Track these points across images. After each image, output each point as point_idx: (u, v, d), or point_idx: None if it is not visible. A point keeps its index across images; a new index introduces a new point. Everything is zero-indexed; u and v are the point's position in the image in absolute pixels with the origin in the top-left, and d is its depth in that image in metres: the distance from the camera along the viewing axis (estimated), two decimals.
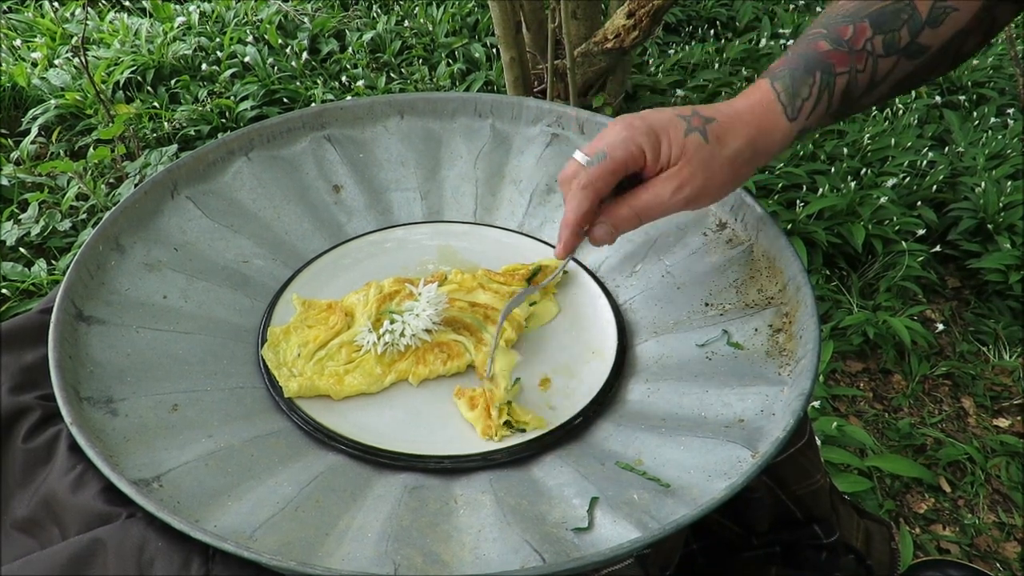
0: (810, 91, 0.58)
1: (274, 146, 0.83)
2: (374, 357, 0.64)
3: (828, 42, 0.59)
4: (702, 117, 0.58)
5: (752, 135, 0.59)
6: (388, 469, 0.58)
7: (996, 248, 1.72)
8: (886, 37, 0.58)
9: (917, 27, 0.57)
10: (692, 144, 0.57)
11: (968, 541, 1.25)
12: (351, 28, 2.51)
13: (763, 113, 0.59)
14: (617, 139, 0.58)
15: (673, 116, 0.58)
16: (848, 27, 0.58)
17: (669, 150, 0.58)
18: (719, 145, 0.58)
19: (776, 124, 0.59)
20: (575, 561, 0.46)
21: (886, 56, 0.58)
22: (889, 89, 0.61)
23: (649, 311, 0.71)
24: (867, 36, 0.58)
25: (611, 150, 0.58)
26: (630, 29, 1.72)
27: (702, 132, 0.57)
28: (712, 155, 0.57)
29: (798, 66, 0.59)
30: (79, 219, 1.74)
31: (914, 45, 0.58)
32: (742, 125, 0.59)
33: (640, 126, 0.58)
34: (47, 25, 2.43)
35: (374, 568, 0.48)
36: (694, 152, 0.57)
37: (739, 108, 0.60)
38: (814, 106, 0.59)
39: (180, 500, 0.51)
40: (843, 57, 0.58)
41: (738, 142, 0.58)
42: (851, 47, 0.58)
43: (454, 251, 0.78)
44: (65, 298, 0.62)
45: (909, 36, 0.58)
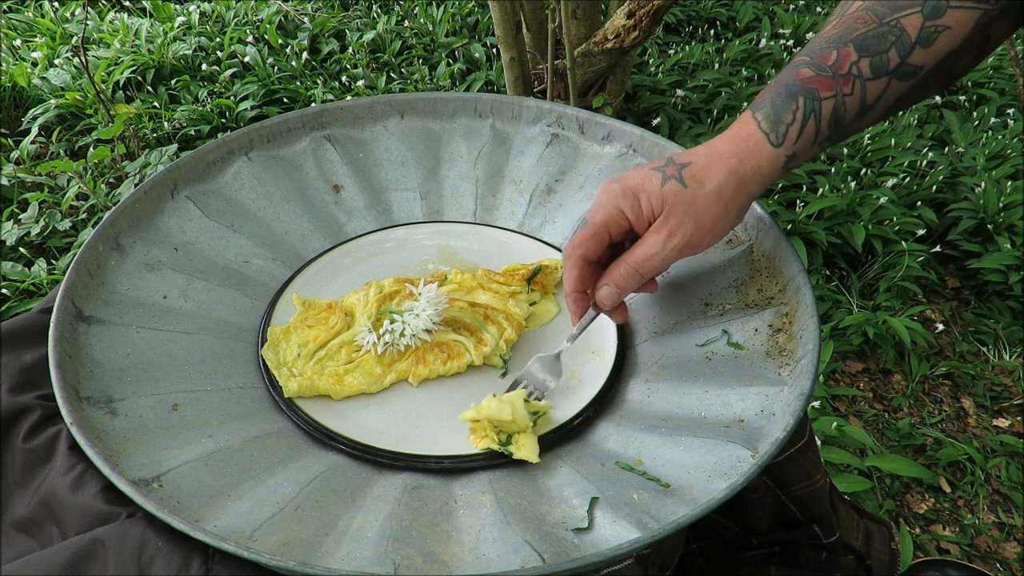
0: (794, 116, 0.58)
1: (274, 146, 0.83)
2: (374, 357, 0.64)
3: (811, 69, 0.58)
4: (676, 165, 0.59)
5: (733, 166, 0.59)
6: (388, 469, 0.58)
7: (996, 248, 1.72)
8: (873, 60, 0.57)
9: (906, 48, 0.57)
10: (671, 192, 0.58)
11: (968, 541, 1.25)
12: (351, 28, 2.51)
13: (743, 143, 0.59)
14: (596, 204, 0.61)
15: (648, 171, 0.60)
16: (831, 53, 0.58)
17: (650, 205, 0.59)
18: (698, 185, 0.58)
19: (759, 150, 0.59)
20: (575, 561, 0.46)
21: (875, 79, 0.58)
22: (885, 111, 0.60)
23: (649, 311, 0.71)
24: (852, 60, 0.58)
25: (591, 216, 0.60)
26: (630, 29, 1.72)
27: (678, 179, 0.58)
28: (694, 196, 0.58)
29: (779, 94, 0.59)
30: (79, 219, 1.74)
31: (905, 66, 0.58)
32: (720, 160, 0.59)
33: (616, 188, 0.60)
34: (47, 25, 2.43)
35: (374, 568, 0.48)
36: (674, 199, 0.58)
37: (717, 145, 0.60)
38: (800, 131, 0.58)
39: (180, 500, 0.51)
40: (827, 82, 0.58)
41: (718, 177, 0.58)
42: (835, 72, 0.58)
43: (454, 251, 0.78)
44: (65, 298, 0.62)
45: (899, 57, 0.57)
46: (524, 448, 0.57)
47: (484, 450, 0.58)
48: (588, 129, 0.85)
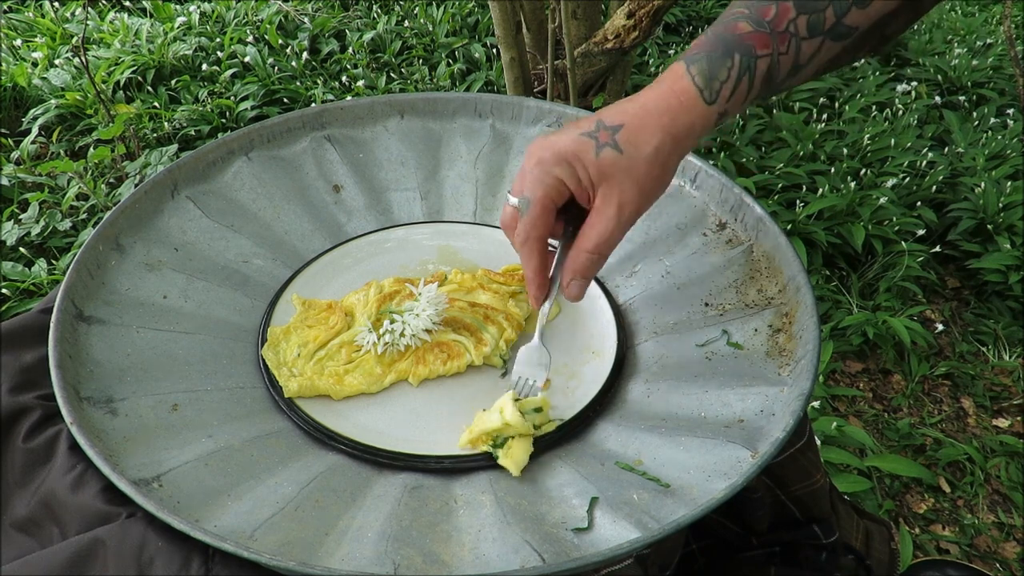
0: (728, 74, 0.56)
1: (274, 146, 0.83)
2: (374, 357, 0.64)
3: (749, 23, 0.56)
4: (608, 128, 0.56)
5: (666, 124, 0.56)
6: (388, 469, 0.58)
7: (996, 248, 1.72)
8: (810, 18, 0.55)
9: (844, 8, 0.55)
10: (607, 161, 0.55)
11: (968, 541, 1.25)
12: (351, 28, 2.51)
13: (676, 99, 0.56)
14: (532, 179, 0.57)
15: (579, 137, 0.56)
16: (771, 7, 0.56)
17: (587, 174, 0.56)
18: (634, 149, 0.56)
19: (693, 107, 0.56)
20: (575, 561, 0.46)
21: (810, 38, 0.56)
22: (813, 71, 0.59)
23: (649, 311, 0.71)
24: (790, 17, 0.56)
25: (531, 194, 0.57)
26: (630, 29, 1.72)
27: (612, 145, 0.55)
28: (632, 161, 0.56)
29: (715, 48, 0.56)
30: (79, 219, 1.74)
31: (840, 26, 0.56)
32: (654, 120, 0.56)
33: (548, 157, 0.56)
34: (47, 25, 2.43)
35: (374, 568, 0.48)
36: (612, 167, 0.55)
37: (647, 102, 0.57)
38: (733, 89, 0.56)
39: (180, 500, 0.51)
40: (764, 39, 0.56)
41: (654, 139, 0.56)
42: (773, 28, 0.56)
43: (454, 251, 0.78)
44: (65, 298, 0.62)
45: (835, 17, 0.55)
46: (511, 457, 0.57)
47: (482, 451, 0.58)
48: None
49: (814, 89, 2.26)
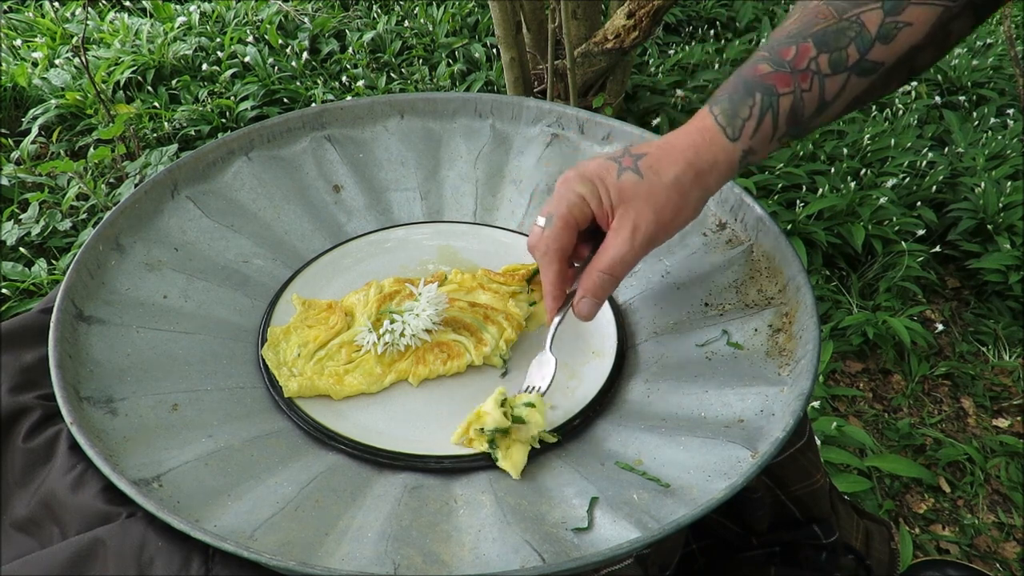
0: (750, 111, 0.58)
1: (274, 146, 0.83)
2: (374, 357, 0.64)
3: (769, 64, 0.58)
4: (632, 156, 0.59)
5: (690, 157, 0.58)
6: (388, 469, 0.58)
7: (996, 248, 1.72)
8: (832, 56, 0.57)
9: (866, 44, 0.57)
10: (628, 184, 0.58)
11: (968, 541, 1.25)
12: (351, 28, 2.51)
13: (699, 136, 0.59)
14: (556, 196, 0.59)
15: (604, 161, 0.59)
16: (790, 48, 0.58)
17: (608, 194, 0.58)
18: (655, 175, 0.57)
19: (715, 143, 0.58)
20: (575, 561, 0.46)
21: (834, 75, 0.57)
22: (844, 107, 0.60)
23: (649, 311, 0.71)
24: (811, 55, 0.57)
25: (554, 209, 0.59)
26: (630, 29, 1.72)
27: (634, 170, 0.58)
28: (652, 187, 0.57)
29: (736, 90, 0.58)
30: (79, 219, 1.74)
31: (865, 62, 0.57)
32: (677, 152, 0.58)
33: (573, 176, 0.59)
34: (47, 25, 2.43)
35: (374, 568, 0.48)
36: (632, 190, 0.57)
37: (672, 139, 0.60)
38: (756, 126, 0.58)
39: (180, 500, 0.51)
40: (785, 78, 0.57)
41: (675, 167, 0.58)
42: (793, 68, 0.57)
43: (454, 251, 0.78)
44: (65, 298, 0.62)
45: (858, 53, 0.57)
46: (510, 459, 0.57)
47: (480, 451, 0.58)
48: (588, 129, 0.85)
49: None
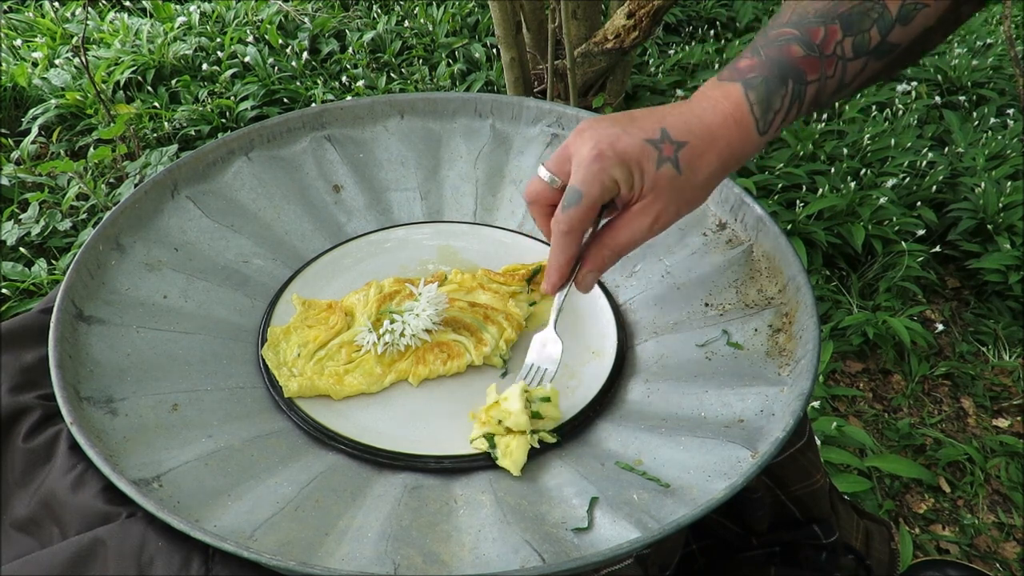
0: (782, 102, 0.57)
1: (274, 146, 0.83)
2: (374, 357, 0.64)
3: (801, 46, 0.56)
4: (673, 143, 0.56)
5: (724, 156, 0.57)
6: (388, 469, 0.58)
7: (996, 248, 1.72)
8: (856, 39, 0.56)
9: (887, 26, 0.56)
10: (665, 176, 0.55)
11: (968, 541, 1.25)
12: (351, 28, 2.51)
13: (736, 128, 0.57)
14: (589, 174, 0.55)
15: (644, 144, 0.55)
16: (820, 29, 0.56)
17: (642, 182, 0.56)
18: (692, 173, 0.56)
19: (747, 140, 0.57)
20: (575, 561, 0.46)
21: (855, 59, 0.57)
22: (856, 89, 0.59)
23: (649, 311, 0.71)
24: (837, 39, 0.56)
25: (586, 188, 0.55)
26: (630, 29, 1.72)
27: (674, 163, 0.55)
28: (686, 183, 0.56)
29: (772, 74, 0.57)
30: (79, 219, 1.74)
31: (884, 45, 0.56)
32: (714, 148, 0.56)
33: (612, 157, 0.55)
34: (47, 25, 2.43)
35: (374, 568, 0.48)
36: (667, 184, 0.56)
37: (711, 125, 0.57)
38: (784, 117, 0.58)
39: (180, 500, 0.51)
40: (815, 64, 0.56)
41: (711, 168, 0.57)
42: (822, 52, 0.56)
43: (454, 251, 0.78)
44: (65, 298, 0.62)
45: (879, 36, 0.56)
46: (510, 457, 0.57)
47: (481, 451, 0.58)
48: None
49: None
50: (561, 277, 0.61)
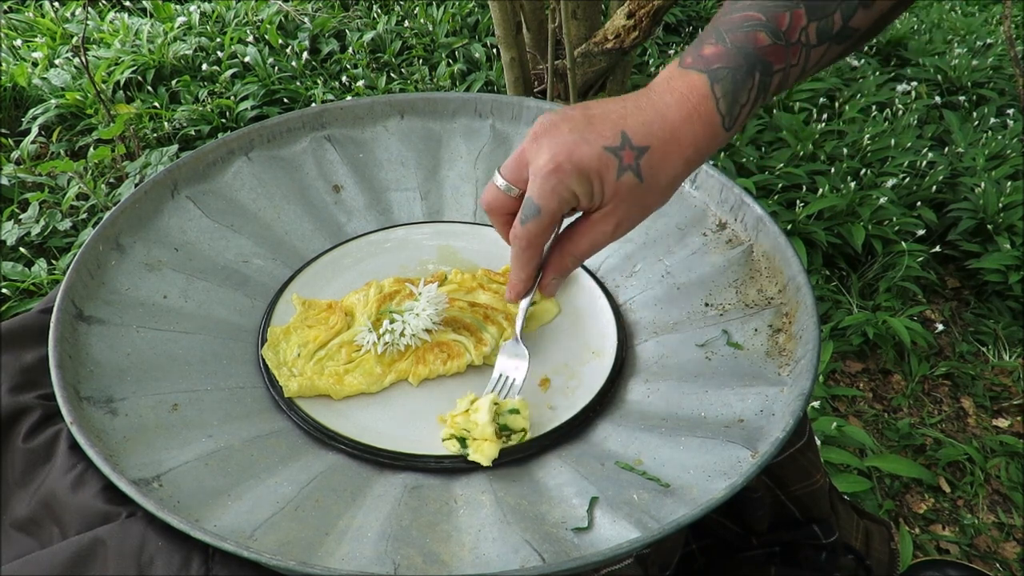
0: (748, 95, 0.55)
1: (274, 146, 0.83)
2: (374, 357, 0.64)
3: (767, 34, 0.54)
4: (634, 149, 0.53)
5: (689, 157, 0.55)
6: (388, 469, 0.58)
7: (996, 248, 1.72)
8: (820, 24, 0.54)
9: (851, 10, 0.54)
10: (626, 185, 0.53)
11: (968, 541, 1.25)
12: (351, 28, 2.51)
13: (702, 127, 0.54)
14: (547, 187, 0.53)
15: (603, 153, 0.53)
16: (785, 15, 0.54)
17: (602, 192, 0.54)
18: (654, 179, 0.54)
19: (714, 137, 0.55)
20: (575, 561, 0.46)
21: (818, 45, 0.55)
22: (812, 74, 0.58)
23: (649, 311, 0.71)
24: (802, 25, 0.54)
25: (543, 202, 0.53)
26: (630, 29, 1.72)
27: (635, 170, 0.53)
28: (648, 190, 0.54)
29: (738, 65, 0.54)
30: (79, 219, 1.74)
31: (846, 29, 0.55)
32: (678, 150, 0.54)
33: (570, 170, 0.52)
34: (47, 25, 2.43)
35: (374, 568, 0.48)
36: (628, 192, 0.54)
37: (676, 124, 0.54)
38: (750, 110, 0.55)
39: (180, 500, 0.51)
40: (780, 53, 0.54)
41: (675, 170, 0.54)
42: (788, 40, 0.54)
43: (454, 251, 0.78)
44: (65, 298, 0.62)
45: (842, 20, 0.54)
46: (481, 451, 0.57)
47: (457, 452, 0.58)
48: None
49: (814, 89, 2.26)
50: (525, 288, 0.60)
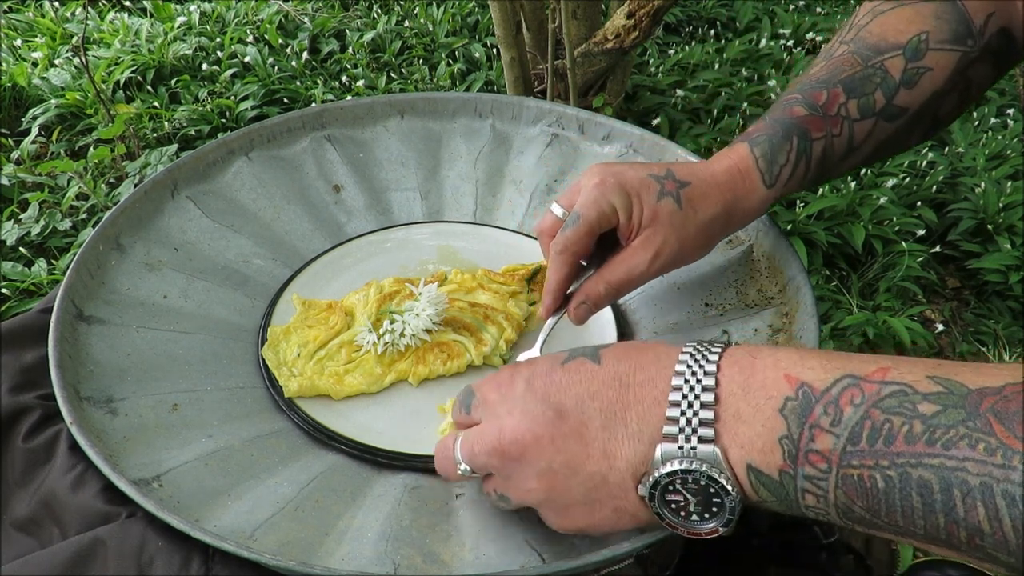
0: (787, 157, 0.58)
1: (274, 146, 0.83)
2: (374, 357, 0.64)
3: (803, 107, 0.58)
4: (676, 181, 0.57)
5: (727, 201, 0.58)
6: (388, 469, 0.58)
7: (996, 248, 1.72)
8: (860, 101, 0.58)
9: (891, 89, 0.58)
10: (665, 210, 0.56)
11: None
12: (351, 28, 2.51)
13: (740, 178, 0.58)
14: (589, 199, 0.56)
15: (646, 177, 0.57)
16: (822, 93, 0.58)
17: (641, 213, 0.56)
18: (692, 211, 0.57)
19: (753, 190, 0.58)
20: (575, 561, 0.46)
21: (862, 119, 0.58)
22: (871, 152, 0.60)
23: (649, 311, 0.71)
24: (840, 101, 0.58)
25: (584, 211, 0.56)
26: (630, 29, 1.72)
27: (675, 197, 0.56)
28: (685, 221, 0.56)
29: (775, 132, 0.58)
30: (79, 219, 1.74)
31: (891, 107, 0.58)
32: (717, 191, 0.57)
33: (612, 184, 0.56)
34: (47, 25, 2.43)
35: (374, 568, 0.48)
36: (667, 218, 0.56)
37: (716, 172, 0.58)
38: (792, 172, 0.58)
39: (180, 500, 0.51)
40: (818, 122, 0.58)
41: (713, 209, 0.57)
42: (825, 112, 0.58)
43: (454, 251, 0.78)
44: (65, 298, 0.62)
45: (884, 99, 0.58)
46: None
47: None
48: (588, 129, 0.85)
49: None
50: (555, 300, 0.61)
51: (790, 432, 0.35)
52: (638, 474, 0.40)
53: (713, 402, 0.38)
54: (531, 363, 0.45)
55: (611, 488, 0.40)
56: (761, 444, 0.36)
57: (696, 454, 0.37)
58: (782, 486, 0.36)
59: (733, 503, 0.39)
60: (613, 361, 0.42)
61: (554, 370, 0.43)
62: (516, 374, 0.44)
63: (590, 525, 0.43)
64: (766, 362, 0.38)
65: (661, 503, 0.40)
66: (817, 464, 0.35)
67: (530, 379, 0.43)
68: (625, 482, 0.40)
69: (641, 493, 0.40)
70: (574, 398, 0.41)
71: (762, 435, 0.36)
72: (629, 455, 0.40)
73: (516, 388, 0.43)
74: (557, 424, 0.41)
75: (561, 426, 0.41)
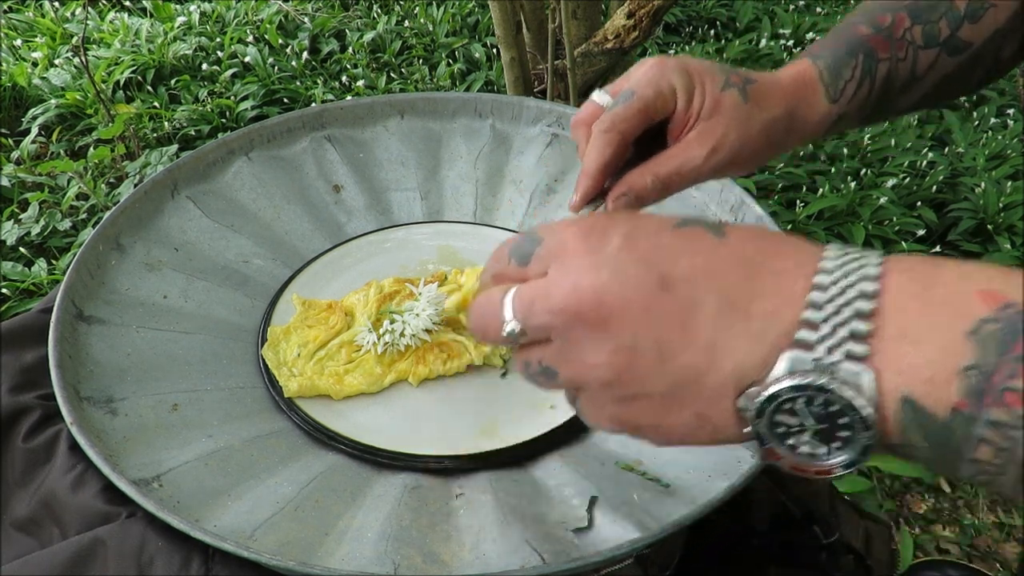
0: (852, 73, 0.55)
1: (274, 146, 0.83)
2: (374, 357, 0.64)
3: (868, 27, 0.56)
4: (742, 76, 0.51)
5: (792, 104, 0.53)
6: (388, 469, 0.58)
7: (996, 248, 1.72)
8: (925, 28, 0.56)
9: (956, 21, 0.56)
10: (729, 100, 0.50)
11: (968, 541, 1.25)
12: (351, 28, 2.51)
13: (805, 87, 0.55)
14: (645, 77, 0.49)
15: (712, 64, 0.51)
16: (887, 16, 0.56)
17: (703, 99, 0.49)
18: (757, 108, 0.51)
19: (817, 100, 0.54)
20: (575, 561, 0.46)
21: (926, 48, 0.56)
22: (931, 87, 0.58)
23: None
24: (906, 26, 0.55)
25: (639, 88, 0.48)
26: (630, 29, 1.72)
27: (741, 90, 0.50)
28: (750, 116, 0.50)
29: (839, 47, 0.55)
30: (79, 219, 1.74)
31: (955, 39, 0.56)
32: (782, 92, 0.53)
33: (674, 64, 0.49)
34: (47, 25, 2.43)
35: (374, 568, 0.48)
36: (731, 110, 0.50)
37: (780, 77, 0.54)
38: (856, 90, 0.55)
39: (180, 500, 0.51)
40: (884, 43, 0.55)
41: (777, 108, 0.52)
42: (891, 34, 0.55)
43: (454, 251, 0.78)
44: (65, 298, 0.62)
45: (949, 29, 0.56)
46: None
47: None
48: None
49: None
50: (594, 184, 0.50)
51: (981, 362, 0.27)
52: (744, 381, 0.31)
53: (870, 312, 0.29)
54: (632, 217, 0.35)
55: (703, 390, 0.31)
56: (931, 373, 0.28)
57: (838, 372, 0.29)
58: (949, 429, 0.28)
59: (868, 441, 0.30)
60: (740, 240, 0.33)
61: (663, 231, 0.34)
62: (612, 225, 0.34)
63: (654, 427, 0.34)
64: (950, 274, 0.29)
65: (768, 423, 0.31)
66: (1014, 408, 0.26)
67: (631, 234, 0.33)
68: (725, 387, 0.31)
69: (741, 405, 0.31)
70: (686, 269, 0.32)
71: (936, 362, 0.28)
72: (741, 356, 0.31)
73: (609, 241, 0.33)
74: (657, 295, 0.31)
75: (662, 299, 0.31)
